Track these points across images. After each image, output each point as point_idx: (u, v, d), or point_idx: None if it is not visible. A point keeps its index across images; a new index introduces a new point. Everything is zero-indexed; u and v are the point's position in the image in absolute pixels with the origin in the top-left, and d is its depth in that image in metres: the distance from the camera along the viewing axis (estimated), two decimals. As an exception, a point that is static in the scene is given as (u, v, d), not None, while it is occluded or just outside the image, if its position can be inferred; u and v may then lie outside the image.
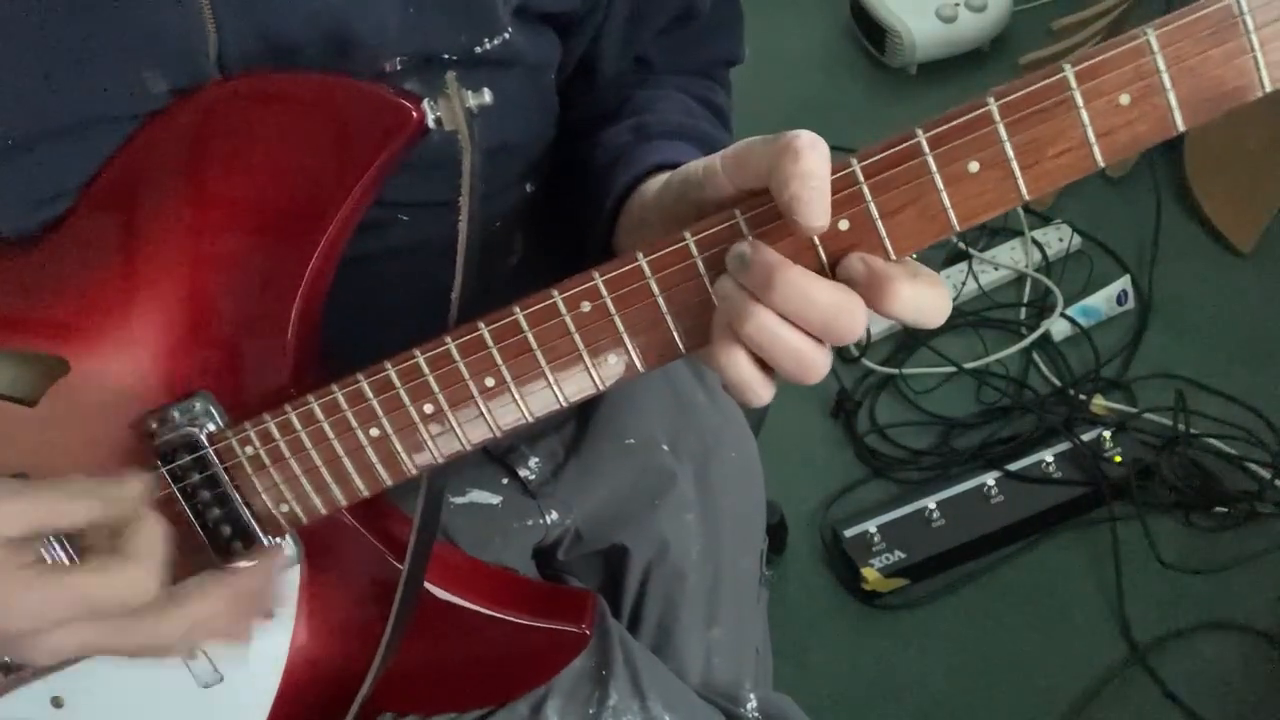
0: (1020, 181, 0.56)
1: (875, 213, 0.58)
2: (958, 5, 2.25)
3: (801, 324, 0.59)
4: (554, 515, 0.91)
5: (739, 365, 0.60)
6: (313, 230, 0.67)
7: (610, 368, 0.64)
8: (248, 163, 0.68)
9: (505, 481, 0.90)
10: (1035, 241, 2.00)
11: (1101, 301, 1.94)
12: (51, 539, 0.69)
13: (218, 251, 0.69)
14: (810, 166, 0.56)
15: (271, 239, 0.68)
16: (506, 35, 0.74)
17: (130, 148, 0.68)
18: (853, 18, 2.38)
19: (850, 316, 0.58)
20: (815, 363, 0.60)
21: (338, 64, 0.68)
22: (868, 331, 1.90)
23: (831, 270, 0.60)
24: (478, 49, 0.73)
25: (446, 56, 0.72)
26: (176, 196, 0.68)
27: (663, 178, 0.71)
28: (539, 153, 0.84)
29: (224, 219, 0.68)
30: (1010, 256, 2.00)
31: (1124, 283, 1.95)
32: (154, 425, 0.70)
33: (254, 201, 0.68)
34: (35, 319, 0.71)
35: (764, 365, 0.61)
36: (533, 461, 0.91)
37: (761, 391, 0.61)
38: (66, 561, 0.70)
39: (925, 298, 0.58)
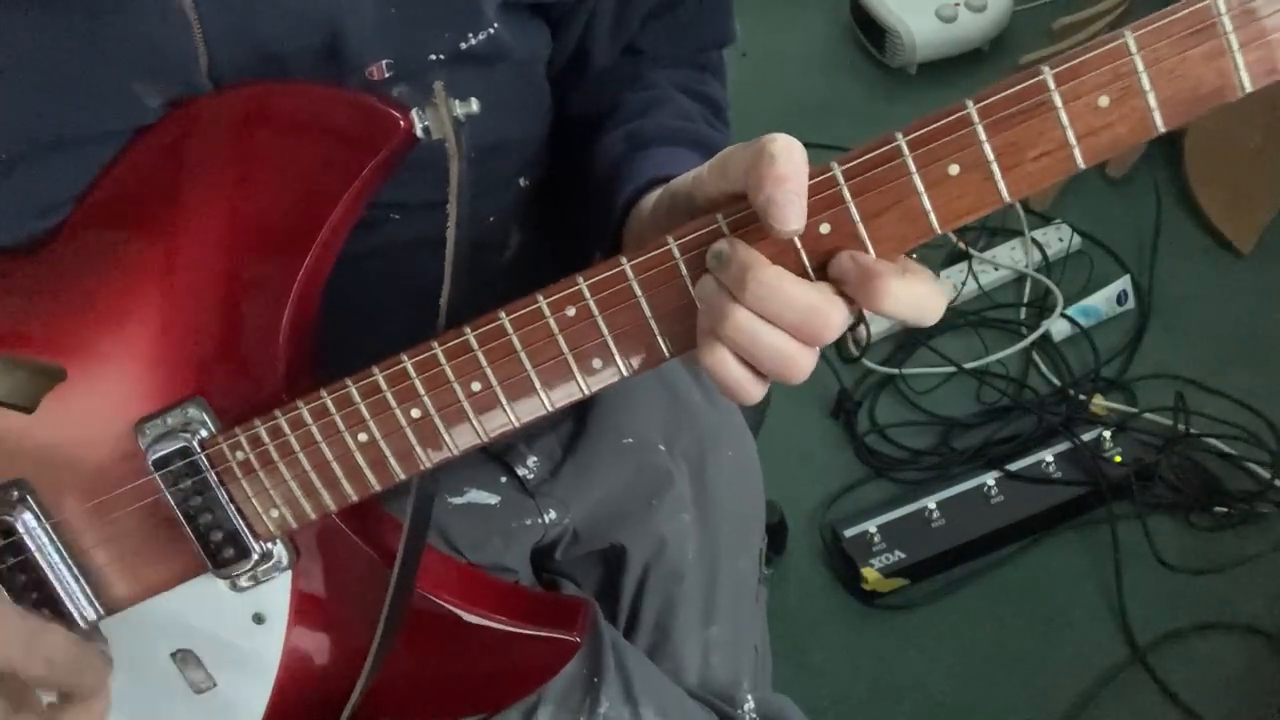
0: (1000, 183, 0.56)
1: (856, 215, 0.58)
2: (958, 5, 2.25)
3: (778, 322, 0.59)
4: (552, 515, 0.91)
5: (726, 365, 0.60)
6: (304, 238, 0.68)
7: (596, 372, 0.64)
8: (239, 173, 0.68)
9: (504, 480, 0.90)
10: (1035, 241, 2.00)
11: (1101, 301, 1.94)
12: (52, 545, 0.73)
13: (210, 260, 0.69)
14: (784, 170, 0.56)
15: (263, 247, 0.69)
16: (492, 30, 0.74)
17: (125, 159, 0.69)
18: (853, 18, 2.38)
19: (823, 316, 0.59)
20: (798, 362, 0.60)
21: (326, 69, 0.69)
22: (868, 331, 1.89)
23: (816, 273, 0.60)
24: (463, 45, 0.73)
25: (433, 56, 0.72)
26: (169, 206, 0.69)
27: (656, 193, 0.71)
28: (532, 147, 0.85)
29: (216, 228, 0.69)
30: (1010, 256, 2.00)
31: (1124, 283, 1.95)
32: (147, 431, 0.70)
33: (245, 210, 0.68)
34: (33, 327, 0.72)
35: (750, 366, 0.61)
36: (531, 460, 0.91)
37: (752, 390, 0.61)
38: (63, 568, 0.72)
39: (917, 293, 0.58)
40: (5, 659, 0.66)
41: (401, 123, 0.66)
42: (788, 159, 0.56)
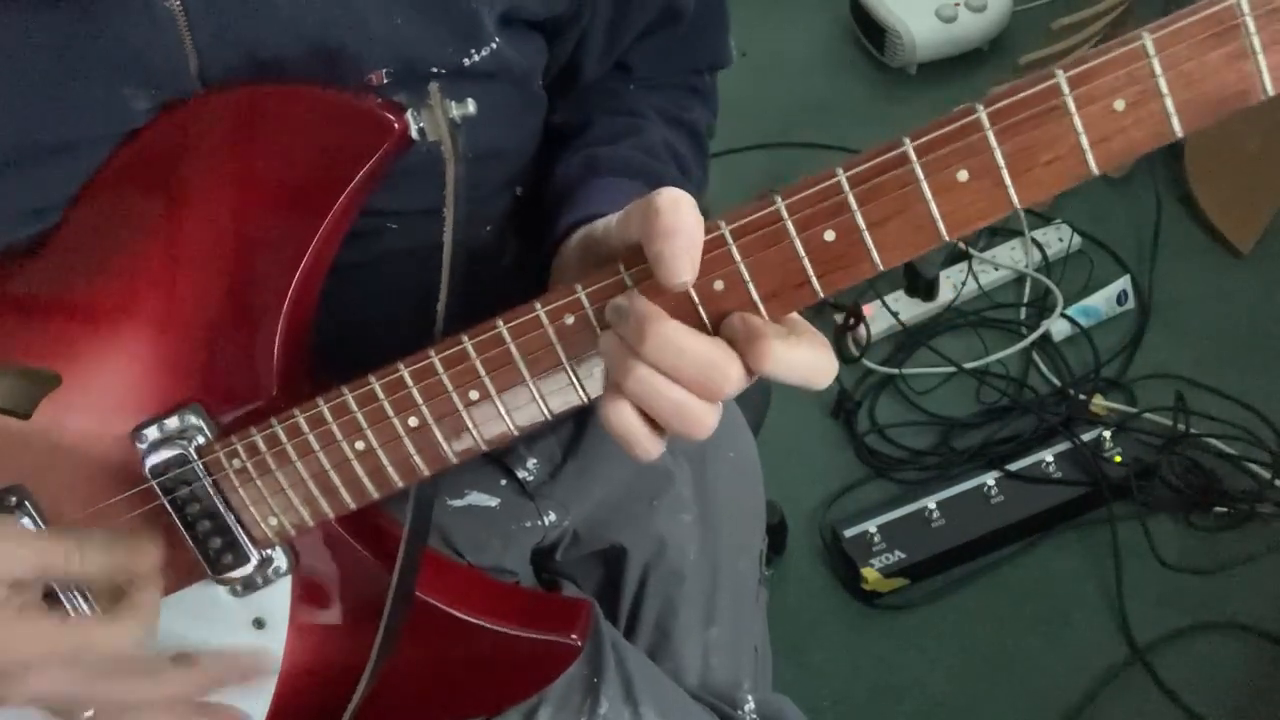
0: (1011, 190, 0.55)
1: (861, 223, 0.57)
2: (958, 5, 2.25)
3: (675, 377, 0.59)
4: (552, 516, 0.90)
5: (625, 418, 0.61)
6: (298, 243, 0.67)
7: (595, 380, 0.63)
8: (232, 176, 0.67)
9: (503, 483, 0.90)
10: (1035, 241, 2.00)
11: (1101, 301, 1.93)
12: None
13: (205, 265, 0.68)
14: (669, 222, 0.57)
15: (257, 252, 0.68)
16: (494, 46, 0.73)
17: (114, 163, 0.69)
18: (853, 18, 2.38)
19: (719, 371, 0.58)
20: (698, 417, 0.60)
21: (322, 77, 0.68)
22: (867, 332, 1.90)
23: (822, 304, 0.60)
24: (465, 61, 0.73)
25: (434, 70, 0.72)
26: (161, 210, 0.68)
27: (581, 231, 0.72)
28: (527, 158, 0.84)
29: (209, 232, 0.68)
30: (1010, 256, 2.00)
31: (1124, 283, 1.95)
32: (144, 438, 0.70)
33: (239, 214, 0.68)
34: (26, 332, 0.71)
35: (651, 421, 0.61)
36: (531, 462, 0.91)
37: (649, 446, 0.61)
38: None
39: (801, 358, 0.59)
40: (63, 565, 0.66)
41: (396, 124, 0.65)
42: (673, 211, 0.57)
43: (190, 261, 0.69)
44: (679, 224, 0.57)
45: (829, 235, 0.57)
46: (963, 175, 0.55)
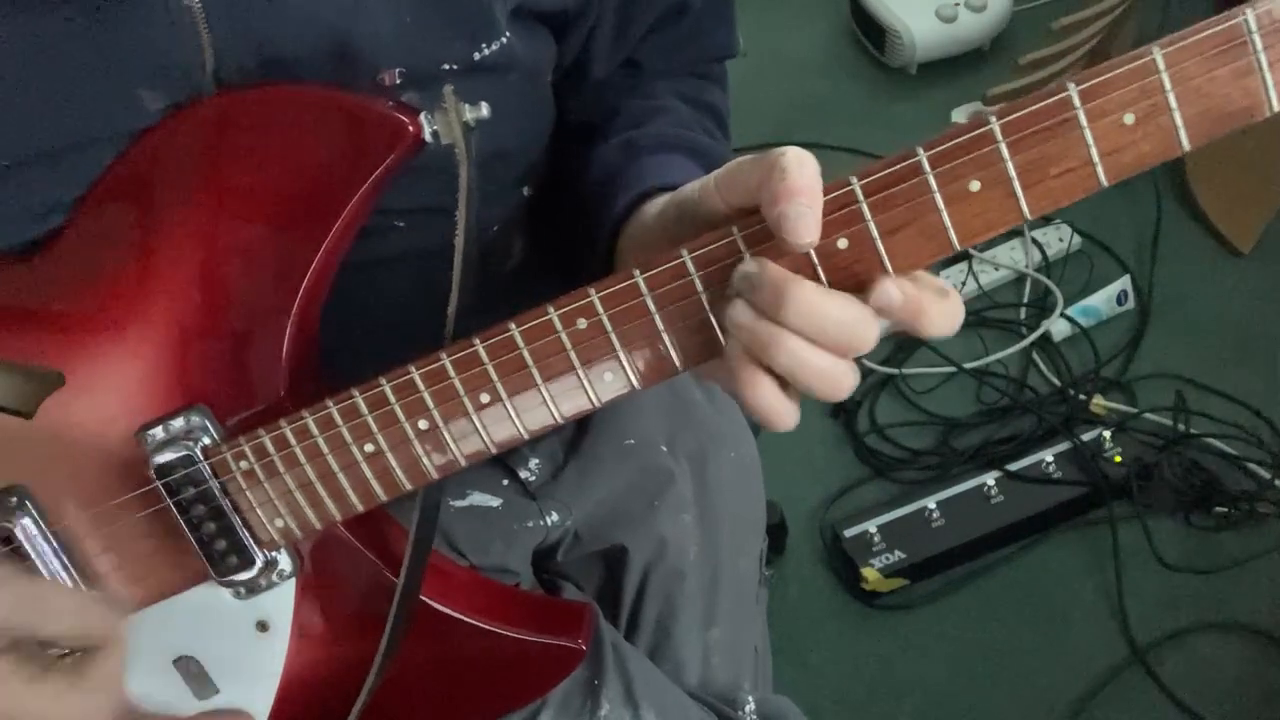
0: (1022, 201, 0.55)
1: (874, 231, 0.57)
2: (958, 5, 2.25)
3: (820, 340, 0.58)
4: (554, 516, 0.90)
5: (766, 393, 0.59)
6: (308, 244, 0.67)
7: (606, 385, 0.63)
8: (242, 177, 0.67)
9: (505, 483, 0.90)
10: (1035, 241, 2.00)
11: (1101, 301, 1.94)
12: (52, 552, 0.71)
13: (213, 265, 0.68)
14: (796, 183, 0.55)
15: (266, 253, 0.68)
16: (504, 40, 0.73)
17: (125, 162, 0.68)
18: (853, 18, 2.38)
19: (866, 327, 0.58)
20: (843, 380, 0.59)
21: (336, 76, 0.68)
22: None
23: (831, 286, 0.59)
24: (476, 55, 0.73)
25: (446, 66, 0.72)
26: (171, 210, 0.68)
27: (662, 200, 0.71)
28: (536, 157, 0.84)
29: (219, 232, 0.68)
30: (1010, 256, 2.00)
31: (1124, 283, 1.95)
32: (149, 438, 0.70)
33: (249, 215, 0.67)
34: (31, 330, 0.71)
35: (784, 386, 0.60)
36: (533, 463, 0.91)
37: (789, 417, 0.61)
38: (64, 575, 0.71)
39: (951, 314, 0.59)
40: (17, 623, 0.64)
41: (410, 127, 0.65)
42: (799, 172, 0.56)
43: (199, 262, 0.68)
44: (803, 183, 0.56)
45: (842, 243, 0.58)
46: (975, 186, 0.55)
